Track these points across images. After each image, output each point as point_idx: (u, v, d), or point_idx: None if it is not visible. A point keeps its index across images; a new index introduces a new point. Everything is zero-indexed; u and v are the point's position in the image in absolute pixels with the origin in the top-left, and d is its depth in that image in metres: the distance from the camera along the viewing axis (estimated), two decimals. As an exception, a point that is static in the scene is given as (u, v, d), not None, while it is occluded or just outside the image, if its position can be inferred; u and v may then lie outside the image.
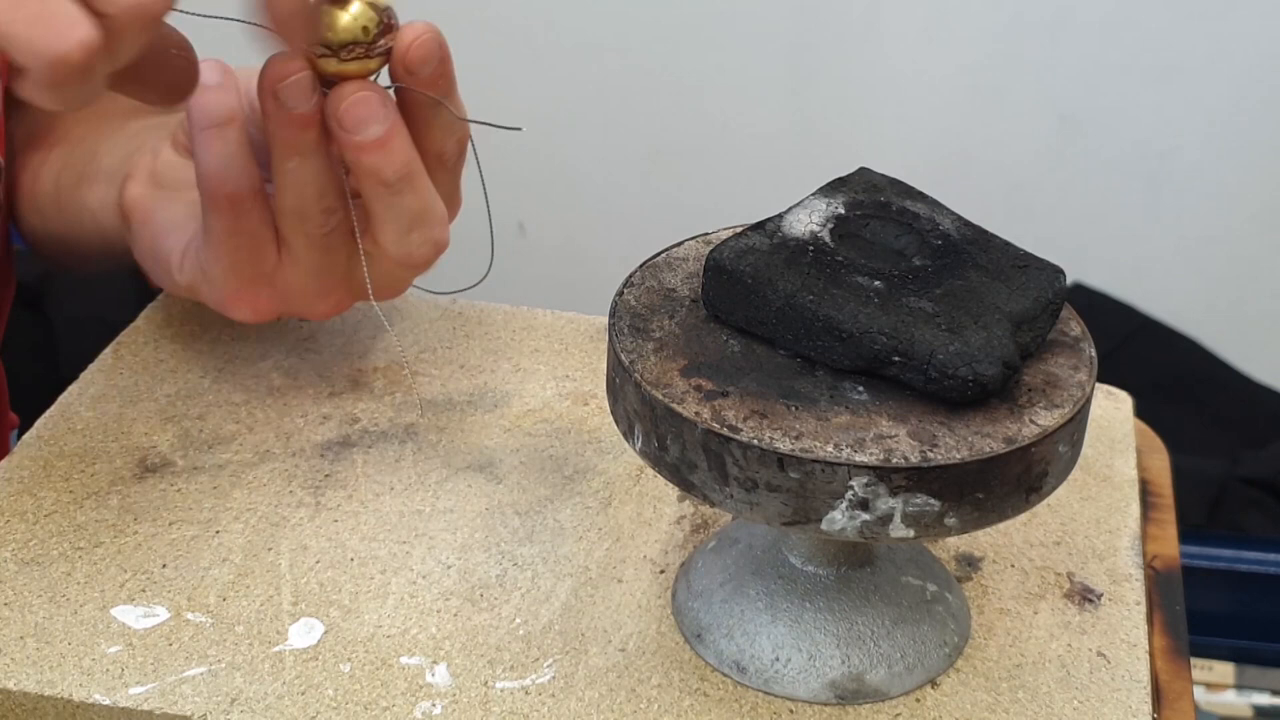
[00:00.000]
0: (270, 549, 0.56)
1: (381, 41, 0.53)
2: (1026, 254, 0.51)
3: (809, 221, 0.51)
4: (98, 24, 0.44)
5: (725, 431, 0.45)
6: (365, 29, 0.52)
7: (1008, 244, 0.51)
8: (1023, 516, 0.51)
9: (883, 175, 0.54)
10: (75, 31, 0.44)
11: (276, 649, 0.52)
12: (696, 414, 0.46)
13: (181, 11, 0.48)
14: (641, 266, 0.53)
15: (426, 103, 0.55)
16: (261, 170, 0.56)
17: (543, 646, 0.53)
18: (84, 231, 0.70)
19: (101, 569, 0.55)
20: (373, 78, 0.54)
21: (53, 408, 0.63)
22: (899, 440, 0.45)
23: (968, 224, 0.52)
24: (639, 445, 0.48)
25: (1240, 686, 1.36)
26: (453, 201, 0.60)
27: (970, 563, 0.57)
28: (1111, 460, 0.63)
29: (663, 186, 1.66)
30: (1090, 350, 0.50)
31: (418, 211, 0.56)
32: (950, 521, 0.45)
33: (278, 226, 0.56)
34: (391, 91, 0.54)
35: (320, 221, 0.56)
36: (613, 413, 0.50)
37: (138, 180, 0.62)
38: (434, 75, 0.54)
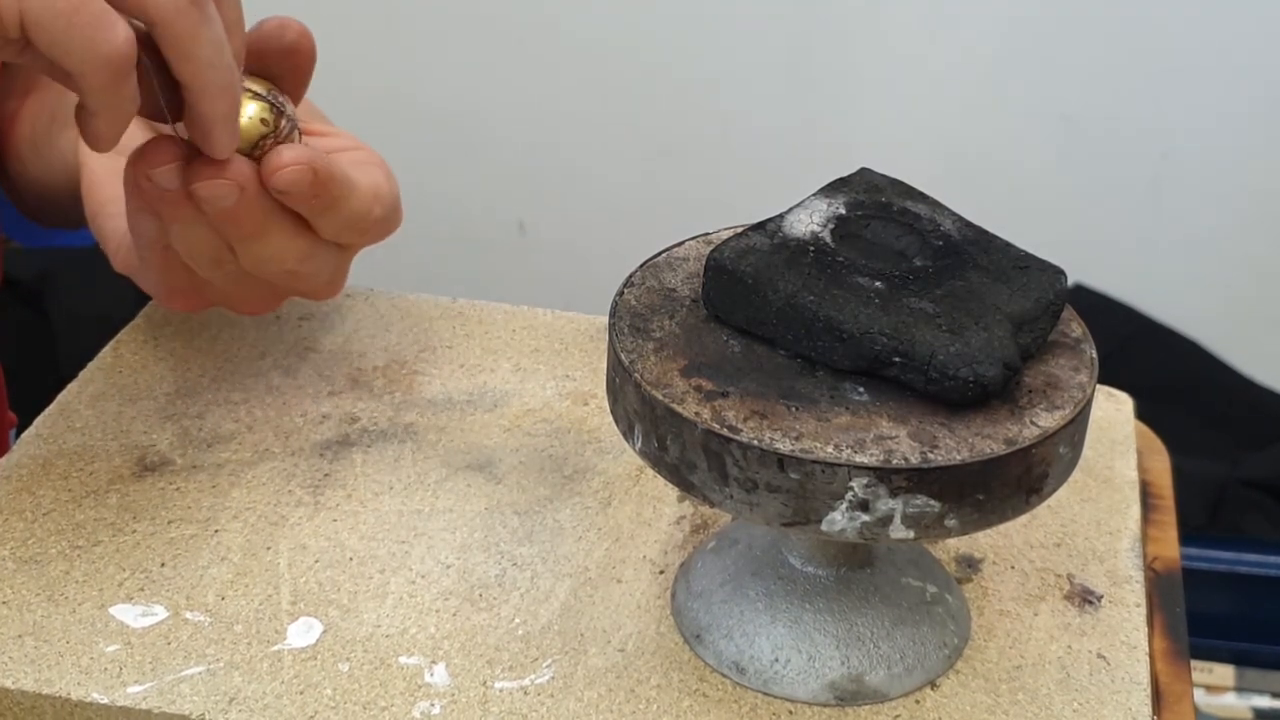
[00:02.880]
0: (269, 548, 0.56)
1: (284, 123, 0.54)
2: (1028, 255, 0.51)
3: (810, 222, 0.51)
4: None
5: (725, 432, 0.45)
6: (264, 120, 0.54)
7: (1009, 245, 0.51)
8: (1023, 518, 0.51)
9: (884, 175, 0.54)
10: (118, 31, 0.47)
11: (275, 648, 0.52)
12: (696, 414, 0.46)
13: None
14: (642, 266, 0.53)
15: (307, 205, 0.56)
16: None
17: (542, 647, 0.52)
18: (56, 176, 0.70)
19: (100, 568, 0.55)
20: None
21: (52, 406, 0.63)
22: (899, 441, 0.45)
23: (969, 225, 0.52)
24: (639, 445, 0.48)
25: (1240, 689, 1.36)
26: (336, 275, 0.60)
27: (970, 564, 0.57)
28: (1112, 462, 0.63)
29: (663, 186, 1.66)
30: (1091, 351, 0.50)
31: (270, 256, 0.56)
32: (950, 523, 0.45)
33: None
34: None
35: (212, 269, 0.57)
36: (613, 413, 0.50)
37: None
38: (308, 195, 0.54)
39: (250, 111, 0.53)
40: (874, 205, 0.52)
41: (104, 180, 0.62)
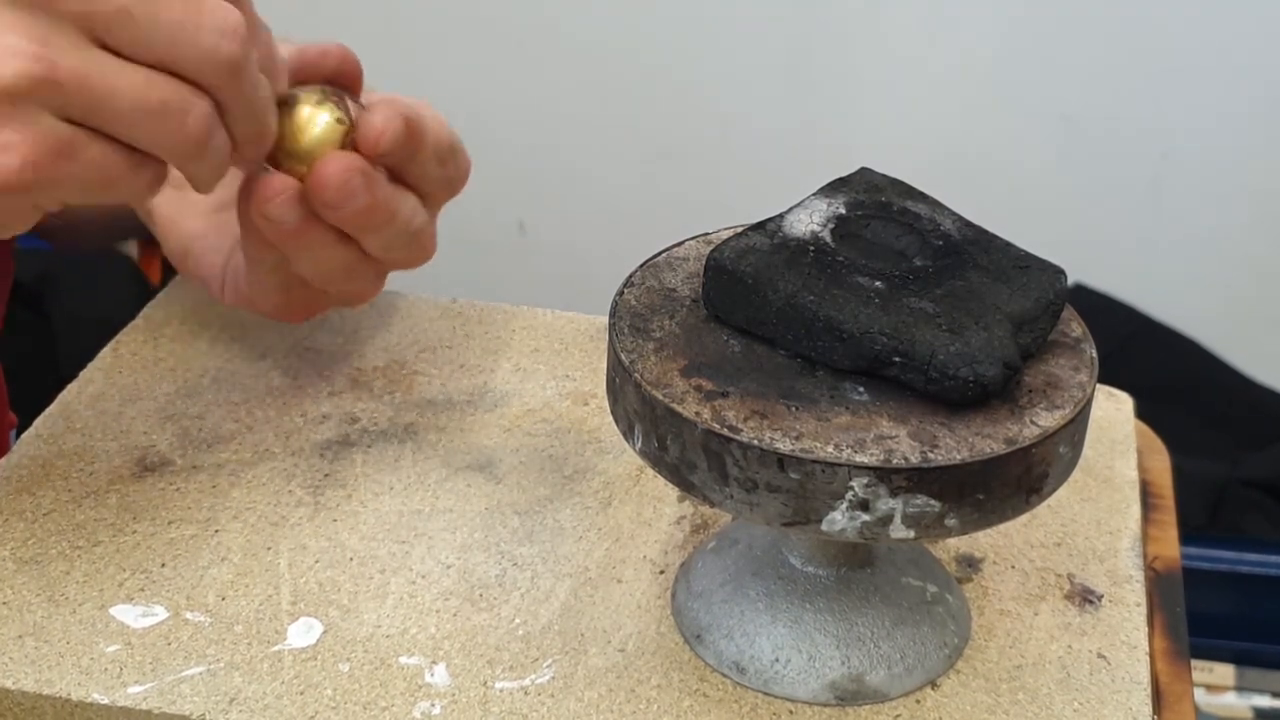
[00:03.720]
0: (269, 548, 0.56)
1: (354, 111, 0.54)
2: (1028, 255, 0.51)
3: (810, 221, 0.51)
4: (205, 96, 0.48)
5: (725, 432, 0.45)
6: (340, 120, 0.53)
7: (1009, 244, 0.51)
8: (1023, 517, 0.51)
9: (884, 175, 0.54)
10: (197, 106, 0.48)
11: (275, 649, 0.52)
12: (696, 414, 0.46)
13: None
14: (642, 266, 0.53)
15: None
16: None
17: (542, 647, 0.52)
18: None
19: (100, 568, 0.55)
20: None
21: (52, 406, 0.63)
22: (899, 441, 0.45)
23: (969, 224, 0.52)
24: (639, 445, 0.48)
25: (1240, 688, 1.37)
26: (425, 237, 0.60)
27: (970, 564, 0.57)
28: (1112, 461, 0.63)
29: (663, 186, 1.66)
30: (1091, 351, 0.50)
31: (398, 231, 0.57)
32: (950, 522, 0.45)
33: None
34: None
35: (344, 282, 0.58)
36: (613, 413, 0.50)
37: None
38: (404, 143, 0.55)
39: (324, 120, 0.53)
40: (874, 205, 0.52)
41: (183, 214, 0.63)
